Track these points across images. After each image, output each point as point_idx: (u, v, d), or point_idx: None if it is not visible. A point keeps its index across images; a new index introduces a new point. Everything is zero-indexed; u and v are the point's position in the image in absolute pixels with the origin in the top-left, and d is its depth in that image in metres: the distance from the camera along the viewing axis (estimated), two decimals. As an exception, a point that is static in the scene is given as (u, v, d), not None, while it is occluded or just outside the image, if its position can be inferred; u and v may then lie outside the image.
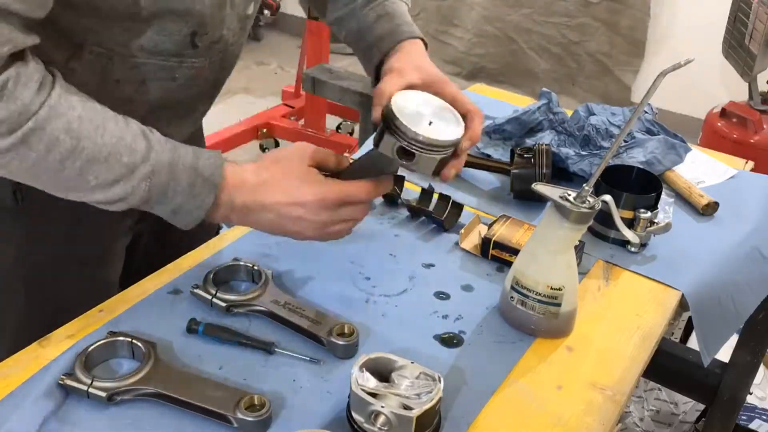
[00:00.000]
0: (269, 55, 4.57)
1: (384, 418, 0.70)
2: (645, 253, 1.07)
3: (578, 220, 0.83)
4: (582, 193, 0.83)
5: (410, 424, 0.69)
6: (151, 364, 0.77)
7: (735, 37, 2.93)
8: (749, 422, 1.75)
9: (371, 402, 0.70)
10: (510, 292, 0.90)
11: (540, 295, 0.87)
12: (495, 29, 4.18)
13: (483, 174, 1.23)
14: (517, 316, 0.90)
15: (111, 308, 0.88)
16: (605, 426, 0.78)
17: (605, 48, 3.93)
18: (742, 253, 1.10)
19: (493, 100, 1.54)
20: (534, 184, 0.87)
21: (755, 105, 2.88)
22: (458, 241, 1.05)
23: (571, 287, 0.88)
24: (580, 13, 3.91)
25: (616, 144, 0.82)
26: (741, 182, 1.29)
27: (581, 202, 0.83)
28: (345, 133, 3.40)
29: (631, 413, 1.85)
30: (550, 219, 0.85)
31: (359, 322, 0.87)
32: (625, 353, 0.89)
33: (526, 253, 0.90)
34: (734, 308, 1.06)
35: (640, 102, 0.80)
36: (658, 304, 0.97)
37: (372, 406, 0.70)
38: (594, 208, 0.83)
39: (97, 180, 0.74)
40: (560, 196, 0.84)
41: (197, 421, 0.74)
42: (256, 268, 0.92)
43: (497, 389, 0.81)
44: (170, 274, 0.94)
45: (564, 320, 0.90)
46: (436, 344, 0.87)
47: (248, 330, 0.86)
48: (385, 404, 0.70)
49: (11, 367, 0.79)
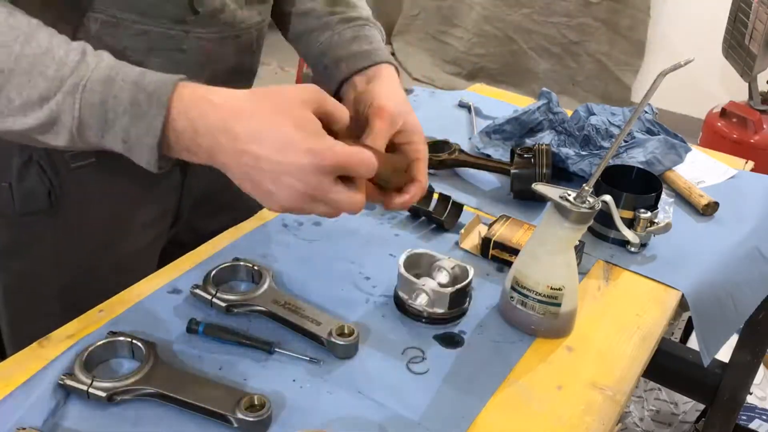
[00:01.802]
0: (269, 55, 4.57)
1: (425, 295, 0.87)
2: (645, 253, 1.07)
3: (578, 220, 0.83)
4: (582, 193, 0.83)
5: (446, 299, 0.87)
6: (151, 364, 0.77)
7: (735, 37, 2.93)
8: (749, 422, 1.76)
9: (415, 281, 0.88)
10: (510, 292, 0.90)
11: (540, 295, 0.87)
12: (495, 29, 4.18)
13: (483, 174, 1.23)
14: (517, 316, 0.90)
15: (111, 308, 0.88)
16: (605, 426, 0.78)
17: (605, 48, 3.93)
18: (742, 253, 1.10)
19: (493, 100, 1.54)
20: (534, 184, 0.87)
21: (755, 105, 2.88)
22: (458, 241, 1.05)
23: (571, 287, 0.88)
24: (580, 13, 3.92)
25: (616, 144, 0.82)
26: (741, 182, 1.29)
27: (581, 202, 0.83)
28: (345, 133, 3.39)
29: (631, 413, 1.85)
30: (550, 219, 0.85)
31: (359, 322, 0.87)
32: (625, 353, 0.89)
33: (526, 253, 0.90)
34: (734, 308, 1.06)
35: (640, 102, 0.80)
36: (658, 304, 0.97)
37: (415, 284, 0.88)
38: (594, 208, 0.83)
39: (21, 98, 0.65)
40: (560, 196, 0.84)
41: (197, 421, 0.74)
42: (256, 268, 0.92)
43: (497, 389, 0.81)
44: (170, 274, 0.94)
45: (564, 320, 0.90)
46: (436, 344, 0.87)
47: (248, 330, 0.86)
48: (426, 284, 0.87)
49: (11, 367, 0.79)
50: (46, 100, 0.65)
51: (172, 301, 0.90)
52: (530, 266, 0.88)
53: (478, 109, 1.47)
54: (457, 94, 1.55)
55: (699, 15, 3.55)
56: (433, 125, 1.38)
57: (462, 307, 0.90)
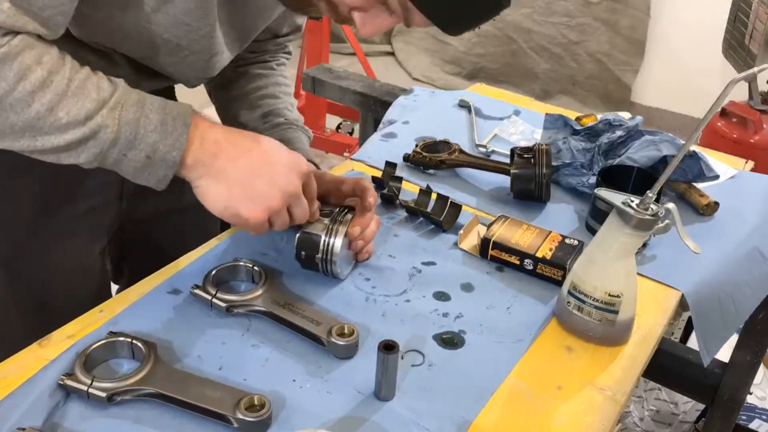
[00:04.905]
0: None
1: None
2: (645, 253, 1.07)
3: (640, 227, 0.83)
4: (645, 200, 0.83)
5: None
6: (151, 364, 0.77)
7: (735, 37, 2.93)
8: (749, 422, 1.76)
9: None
10: (567, 297, 0.90)
11: (597, 301, 0.87)
12: (495, 29, 4.18)
13: (482, 174, 1.23)
14: (573, 322, 0.89)
15: (111, 308, 0.88)
16: (605, 426, 0.78)
17: (605, 48, 3.93)
18: (742, 253, 1.10)
19: (493, 100, 1.54)
20: (597, 189, 0.87)
21: (755, 105, 2.88)
22: (457, 242, 1.05)
23: (630, 295, 0.88)
24: (580, 13, 3.92)
25: (681, 153, 0.82)
26: (741, 182, 1.29)
27: (644, 209, 0.83)
28: (345, 132, 3.39)
29: (631, 413, 1.85)
30: (611, 224, 0.85)
31: (359, 322, 0.87)
32: (625, 353, 0.89)
33: (585, 257, 0.89)
34: (734, 308, 1.06)
35: (709, 109, 0.79)
36: (658, 304, 0.97)
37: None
38: (657, 215, 0.83)
39: (68, 116, 0.73)
40: (623, 202, 0.83)
41: (197, 421, 0.74)
42: (256, 268, 0.92)
43: (497, 389, 0.81)
44: (170, 274, 0.94)
45: (621, 328, 0.89)
46: (436, 344, 0.87)
47: (248, 330, 0.86)
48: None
49: (11, 367, 0.79)
50: (91, 118, 0.74)
51: (172, 301, 0.90)
52: (589, 271, 0.88)
53: (478, 109, 1.47)
54: (457, 94, 1.55)
55: (699, 15, 3.55)
56: (433, 125, 1.39)
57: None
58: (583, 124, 1.28)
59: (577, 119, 1.32)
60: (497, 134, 1.40)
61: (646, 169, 1.15)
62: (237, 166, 0.81)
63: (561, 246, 1.00)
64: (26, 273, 1.01)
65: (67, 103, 0.73)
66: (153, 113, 0.77)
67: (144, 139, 0.76)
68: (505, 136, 1.39)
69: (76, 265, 1.05)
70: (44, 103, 0.72)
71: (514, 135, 1.40)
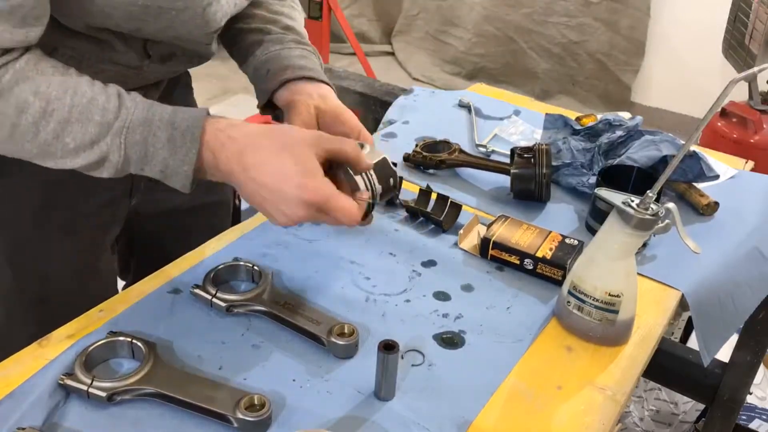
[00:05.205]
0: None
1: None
2: (645, 253, 1.07)
3: (640, 227, 0.83)
4: (645, 200, 0.83)
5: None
6: (151, 364, 0.77)
7: (735, 37, 2.93)
8: (749, 422, 1.76)
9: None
10: (567, 296, 0.90)
11: (597, 301, 0.87)
12: (495, 29, 4.18)
13: (482, 174, 1.23)
14: (573, 322, 0.89)
15: (111, 308, 0.88)
16: (605, 426, 0.78)
17: (605, 48, 3.93)
18: (742, 253, 1.10)
19: (493, 100, 1.54)
20: (597, 189, 0.87)
21: (755, 105, 2.88)
22: (457, 242, 1.05)
23: (630, 295, 0.88)
24: (580, 13, 3.91)
25: (681, 154, 0.81)
26: (741, 182, 1.29)
27: (644, 209, 0.83)
28: (345, 133, 3.39)
29: (631, 413, 1.85)
30: (612, 224, 0.85)
31: (359, 322, 0.87)
32: (625, 353, 0.89)
33: (585, 257, 0.89)
34: (734, 308, 1.06)
35: (710, 109, 0.79)
36: (658, 304, 0.97)
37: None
38: (657, 215, 0.83)
39: (75, 142, 0.75)
40: (623, 202, 0.83)
41: (197, 421, 0.74)
42: (256, 268, 0.92)
43: (497, 389, 0.81)
44: (170, 274, 0.94)
45: (621, 328, 0.89)
46: (436, 344, 0.87)
47: (248, 330, 0.86)
48: None
49: (11, 367, 0.79)
50: (96, 143, 0.76)
51: (172, 300, 0.90)
52: (589, 271, 0.88)
53: (478, 109, 1.47)
54: (457, 94, 1.55)
55: (699, 15, 3.55)
56: (433, 125, 1.39)
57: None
58: (583, 124, 1.28)
59: (577, 119, 1.32)
60: (497, 134, 1.40)
61: (646, 169, 1.15)
62: (246, 190, 0.79)
63: (561, 246, 1.00)
64: (31, 269, 1.01)
65: (72, 129, 0.75)
66: (161, 131, 0.77)
67: (154, 157, 0.77)
68: (505, 136, 1.39)
69: (82, 261, 1.05)
70: (49, 132, 0.75)
71: (514, 135, 1.40)
